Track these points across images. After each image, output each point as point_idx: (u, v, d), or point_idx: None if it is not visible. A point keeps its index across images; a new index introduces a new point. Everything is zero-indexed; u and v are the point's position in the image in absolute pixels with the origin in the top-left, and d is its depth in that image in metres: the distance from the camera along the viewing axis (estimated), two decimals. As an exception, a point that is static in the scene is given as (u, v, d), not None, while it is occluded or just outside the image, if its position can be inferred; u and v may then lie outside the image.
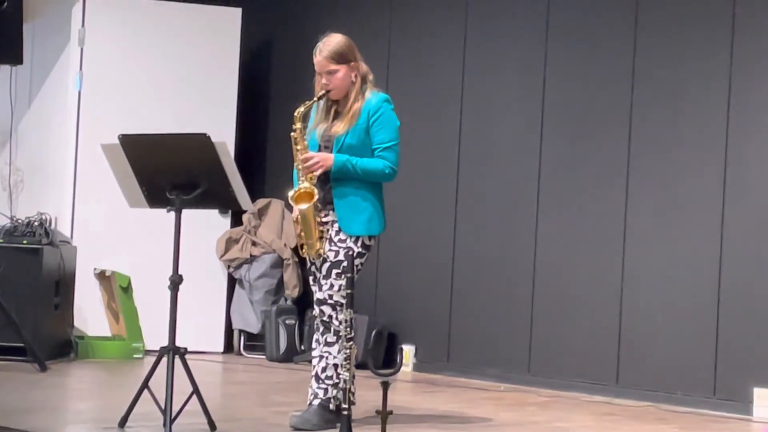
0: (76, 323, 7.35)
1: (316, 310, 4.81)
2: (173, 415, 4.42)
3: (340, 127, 4.77)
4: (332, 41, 4.83)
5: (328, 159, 4.73)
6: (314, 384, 4.77)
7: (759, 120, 5.93)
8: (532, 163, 6.71)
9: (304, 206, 4.73)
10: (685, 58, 6.21)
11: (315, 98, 4.81)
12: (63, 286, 7.03)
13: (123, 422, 4.54)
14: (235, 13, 7.80)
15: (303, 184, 4.76)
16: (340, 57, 4.76)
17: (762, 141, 5.91)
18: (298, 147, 4.75)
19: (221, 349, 7.74)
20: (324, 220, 4.75)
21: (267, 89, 8.25)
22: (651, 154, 6.25)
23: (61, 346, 7.01)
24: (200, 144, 4.50)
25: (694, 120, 6.14)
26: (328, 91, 4.80)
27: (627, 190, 6.35)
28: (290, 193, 4.82)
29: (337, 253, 4.73)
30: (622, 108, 6.41)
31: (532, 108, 6.77)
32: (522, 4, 6.86)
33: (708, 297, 5.70)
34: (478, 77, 7.02)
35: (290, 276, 7.59)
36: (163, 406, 4.42)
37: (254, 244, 7.63)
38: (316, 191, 4.69)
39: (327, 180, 4.77)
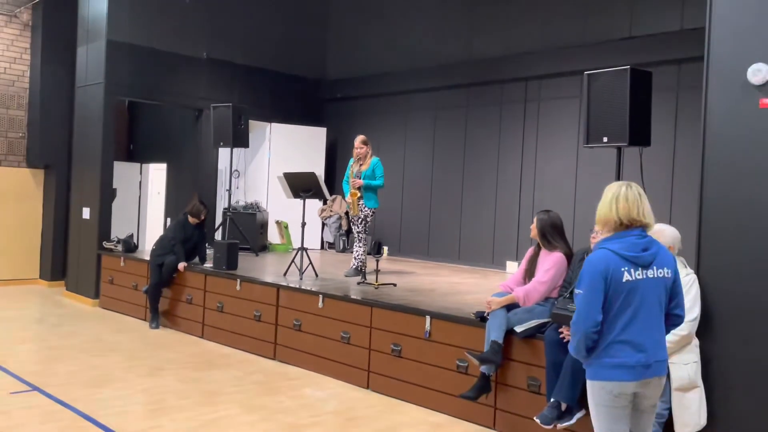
0: (268, 239, 11.35)
1: (354, 233, 8.26)
2: (304, 269, 7.20)
3: (362, 169, 8.16)
4: (361, 137, 8.20)
5: (361, 182, 7.94)
6: (354, 261, 8.34)
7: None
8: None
9: (352, 199, 7.99)
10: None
11: (353, 160, 7.95)
12: (265, 226, 10.80)
13: (285, 273, 7.82)
14: (322, 131, 11.97)
15: (352, 190, 8.10)
16: (364, 143, 8.27)
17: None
18: (353, 177, 7.99)
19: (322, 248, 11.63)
20: (359, 204, 8.15)
21: (340, 148, 11.93)
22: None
23: (263, 247, 11.18)
24: (311, 175, 7.32)
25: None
26: (359, 157, 8.13)
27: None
28: (348, 193, 8.08)
29: (363, 216, 8.10)
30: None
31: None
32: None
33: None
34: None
35: (344, 222, 11.74)
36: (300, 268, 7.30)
37: (331, 210, 11.71)
38: (358, 193, 7.98)
39: (359, 189, 7.95)
